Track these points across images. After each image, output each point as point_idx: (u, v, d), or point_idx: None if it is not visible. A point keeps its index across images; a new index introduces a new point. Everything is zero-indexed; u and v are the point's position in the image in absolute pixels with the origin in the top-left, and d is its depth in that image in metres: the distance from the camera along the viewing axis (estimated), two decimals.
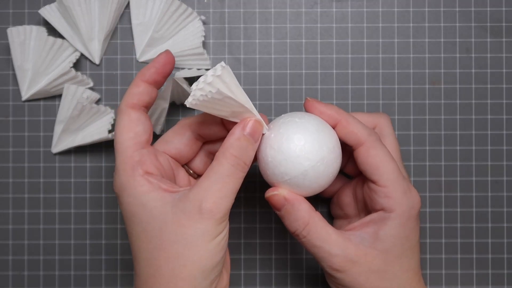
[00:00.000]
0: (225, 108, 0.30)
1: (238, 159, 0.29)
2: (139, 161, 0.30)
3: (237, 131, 0.30)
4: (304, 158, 0.30)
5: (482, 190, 0.40)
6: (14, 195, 0.40)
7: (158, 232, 0.29)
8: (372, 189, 0.32)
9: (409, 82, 0.41)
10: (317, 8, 0.41)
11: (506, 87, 0.40)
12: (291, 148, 0.30)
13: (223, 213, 0.29)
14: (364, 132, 0.32)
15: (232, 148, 0.30)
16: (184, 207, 0.29)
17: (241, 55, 0.41)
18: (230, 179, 0.29)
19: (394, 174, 0.32)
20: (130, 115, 0.31)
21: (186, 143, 0.33)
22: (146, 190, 0.30)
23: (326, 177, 0.31)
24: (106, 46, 0.40)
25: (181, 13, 0.39)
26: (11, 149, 0.40)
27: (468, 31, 0.41)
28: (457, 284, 0.40)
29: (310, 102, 0.33)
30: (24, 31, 0.39)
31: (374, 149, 0.32)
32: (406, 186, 0.32)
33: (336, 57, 0.41)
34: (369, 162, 0.32)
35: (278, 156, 0.31)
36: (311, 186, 0.31)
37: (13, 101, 0.41)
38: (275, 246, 0.40)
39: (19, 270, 0.40)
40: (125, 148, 0.31)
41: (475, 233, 0.40)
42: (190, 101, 0.29)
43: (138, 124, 0.31)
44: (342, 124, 0.32)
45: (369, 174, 0.32)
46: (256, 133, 0.30)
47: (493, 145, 0.40)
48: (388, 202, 0.31)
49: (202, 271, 0.29)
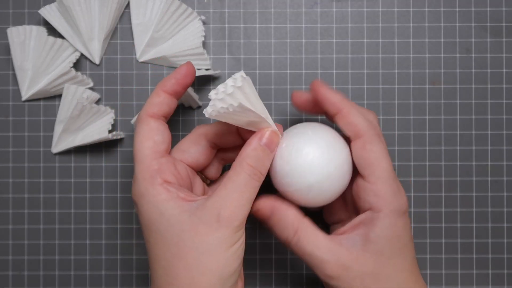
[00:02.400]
0: (243, 118, 0.30)
1: (255, 169, 0.30)
2: (158, 170, 0.31)
3: (254, 142, 0.31)
4: (310, 173, 0.31)
5: (482, 190, 0.40)
6: (14, 195, 0.40)
7: (176, 240, 0.29)
8: (361, 186, 0.32)
9: (409, 82, 0.41)
10: (317, 8, 0.41)
11: (506, 87, 0.40)
12: (299, 161, 0.31)
13: (240, 221, 0.29)
14: (364, 124, 0.32)
15: (249, 158, 0.30)
16: (202, 215, 0.29)
17: (241, 55, 0.41)
18: (246, 188, 0.30)
19: (386, 173, 0.31)
20: (149, 124, 0.32)
21: (202, 151, 0.34)
22: (165, 199, 0.30)
23: (331, 192, 0.32)
24: (106, 46, 0.40)
25: (181, 13, 0.39)
26: (11, 149, 0.40)
27: (468, 31, 0.41)
28: (457, 284, 0.40)
29: (315, 85, 0.33)
30: (24, 31, 0.39)
31: (371, 143, 0.32)
32: (396, 186, 0.32)
33: (336, 57, 0.41)
34: (364, 156, 0.32)
35: (285, 167, 0.31)
36: (315, 200, 0.32)
37: (13, 101, 0.41)
38: (275, 246, 0.40)
39: (19, 270, 0.40)
40: (144, 157, 0.31)
41: (475, 233, 0.40)
42: (210, 112, 0.29)
43: (157, 133, 0.32)
44: (342, 114, 0.32)
45: (361, 168, 0.32)
46: (272, 144, 0.31)
47: (493, 145, 0.40)
48: (376, 200, 0.31)
49: (220, 279, 0.29)
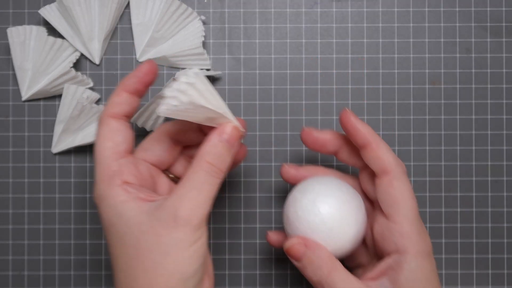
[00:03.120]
0: (200, 115, 0.29)
1: (214, 166, 0.29)
2: (117, 171, 0.30)
3: (213, 138, 0.30)
4: (321, 228, 0.31)
5: (482, 190, 0.40)
6: (14, 195, 0.40)
7: (135, 242, 0.29)
8: (385, 226, 0.31)
9: (409, 82, 0.41)
10: (317, 8, 0.41)
11: (506, 87, 0.40)
12: (310, 217, 0.31)
13: (199, 220, 0.29)
14: (392, 161, 0.31)
15: (207, 155, 0.29)
16: (160, 215, 0.28)
17: (241, 55, 0.41)
18: (205, 186, 0.29)
19: (412, 212, 0.31)
20: (109, 125, 0.31)
21: (165, 149, 0.33)
22: (123, 200, 0.29)
23: (344, 248, 0.32)
24: (106, 46, 0.40)
25: (181, 13, 0.39)
26: (11, 149, 0.40)
27: (468, 31, 0.41)
28: (457, 284, 0.40)
29: (345, 115, 0.32)
30: (24, 31, 0.39)
31: (398, 181, 0.31)
32: (421, 227, 0.31)
33: (336, 57, 0.41)
34: (390, 193, 0.31)
35: (298, 219, 0.31)
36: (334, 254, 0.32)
37: (13, 101, 0.41)
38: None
39: (19, 270, 0.40)
40: (103, 158, 0.30)
41: (475, 233, 0.40)
42: (162, 110, 0.28)
43: (118, 133, 0.31)
44: (371, 147, 0.32)
45: (386, 206, 0.31)
46: (232, 139, 0.30)
47: (493, 145, 0.40)
48: (402, 241, 0.30)
49: (179, 279, 0.28)
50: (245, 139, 0.40)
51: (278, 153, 0.40)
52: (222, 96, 0.40)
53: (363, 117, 0.40)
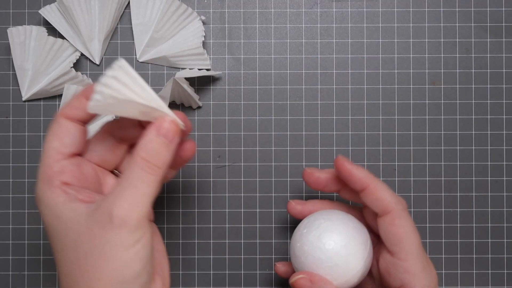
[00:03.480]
0: (131, 110, 0.28)
1: (149, 162, 0.28)
2: (57, 172, 0.29)
3: (149, 133, 0.28)
4: (327, 263, 0.31)
5: (482, 190, 0.40)
6: (14, 195, 0.40)
7: (73, 245, 0.27)
8: (391, 263, 0.31)
9: (409, 82, 0.41)
10: (317, 8, 0.41)
11: (506, 87, 0.40)
12: (316, 253, 0.31)
13: (136, 220, 0.27)
14: (392, 200, 0.32)
15: (142, 151, 0.28)
16: (96, 216, 0.27)
17: (241, 55, 0.41)
18: (141, 184, 0.27)
19: (416, 249, 0.31)
20: (61, 124, 0.30)
21: (108, 148, 0.31)
22: (62, 201, 0.28)
23: (350, 283, 0.32)
24: (106, 46, 0.40)
25: (181, 13, 0.39)
26: (11, 149, 0.40)
27: (468, 31, 0.41)
28: (457, 284, 0.40)
29: (339, 163, 0.33)
30: (24, 31, 0.39)
31: (400, 219, 0.31)
32: (426, 261, 0.31)
33: (336, 57, 0.41)
34: (393, 232, 0.31)
35: (304, 254, 0.32)
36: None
37: (13, 101, 0.41)
38: (275, 246, 0.40)
39: (19, 270, 0.40)
40: (46, 158, 0.29)
41: (475, 233, 0.40)
42: (91, 106, 0.27)
43: (67, 134, 0.29)
44: (370, 190, 0.32)
45: (390, 244, 0.31)
46: (170, 133, 0.28)
47: (493, 145, 0.40)
48: (408, 278, 0.31)
49: (120, 283, 0.27)
50: (245, 139, 0.40)
51: (278, 153, 0.40)
52: (222, 96, 0.40)
53: (363, 117, 0.40)
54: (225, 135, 0.40)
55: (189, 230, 0.40)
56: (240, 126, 0.40)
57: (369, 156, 0.40)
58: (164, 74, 0.41)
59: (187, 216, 0.40)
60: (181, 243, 0.40)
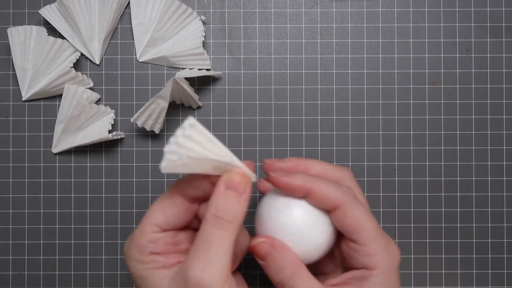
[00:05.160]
0: (205, 166, 0.28)
1: (219, 218, 0.27)
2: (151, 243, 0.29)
3: (218, 188, 0.28)
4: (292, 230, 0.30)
5: (482, 190, 0.40)
6: (14, 195, 0.40)
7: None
8: (352, 248, 0.31)
9: (409, 82, 0.41)
10: (317, 8, 0.41)
11: (506, 87, 0.41)
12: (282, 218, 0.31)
13: (212, 280, 0.26)
14: (337, 194, 0.31)
15: (212, 207, 0.28)
16: (177, 279, 0.27)
17: (241, 55, 0.41)
18: (215, 242, 0.27)
19: (374, 232, 0.30)
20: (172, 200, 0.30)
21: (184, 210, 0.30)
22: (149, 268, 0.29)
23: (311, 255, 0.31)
24: (106, 46, 0.40)
25: (181, 13, 0.39)
26: (11, 149, 0.40)
27: (468, 31, 0.41)
28: (457, 284, 0.40)
29: (273, 178, 0.31)
30: (24, 31, 0.39)
31: (350, 210, 0.30)
32: (386, 240, 0.31)
33: (336, 57, 0.41)
34: (347, 223, 0.30)
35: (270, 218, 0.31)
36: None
37: (13, 101, 0.41)
38: None
39: (19, 270, 0.40)
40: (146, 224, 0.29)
41: (475, 233, 0.40)
42: (163, 166, 0.27)
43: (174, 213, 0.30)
44: (313, 192, 0.30)
45: (349, 234, 0.31)
46: (240, 186, 0.28)
47: (493, 145, 0.40)
48: (370, 260, 0.30)
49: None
50: (245, 139, 0.40)
51: (278, 153, 0.40)
52: (222, 96, 0.40)
53: (363, 117, 0.40)
54: (225, 135, 0.40)
55: None
56: (240, 126, 0.40)
57: (369, 156, 0.40)
58: (164, 74, 0.41)
59: None
60: None
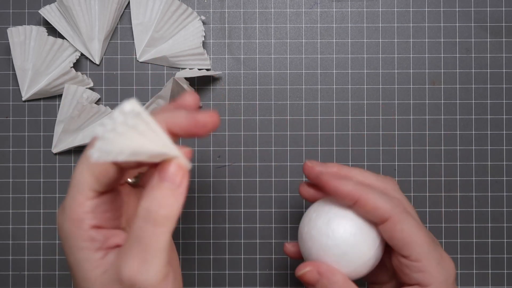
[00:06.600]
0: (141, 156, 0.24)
1: (153, 213, 0.24)
2: (88, 213, 0.26)
3: (151, 180, 0.25)
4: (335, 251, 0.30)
5: (482, 190, 0.40)
6: (14, 195, 0.40)
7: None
8: (403, 263, 0.30)
9: (409, 82, 0.41)
10: (317, 8, 0.41)
11: (506, 87, 0.41)
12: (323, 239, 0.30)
13: (152, 281, 0.24)
14: (387, 206, 0.30)
15: (145, 201, 0.24)
16: (111, 275, 0.25)
17: (241, 55, 0.41)
18: (149, 240, 0.24)
19: (425, 247, 0.29)
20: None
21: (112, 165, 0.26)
22: (85, 247, 0.25)
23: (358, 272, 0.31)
24: (106, 46, 0.40)
25: (181, 13, 0.39)
26: (11, 149, 0.40)
27: (468, 31, 0.41)
28: (457, 284, 0.40)
29: (324, 179, 0.30)
30: (24, 31, 0.39)
31: (400, 223, 0.29)
32: (439, 255, 0.30)
33: (336, 57, 0.41)
34: (397, 237, 0.30)
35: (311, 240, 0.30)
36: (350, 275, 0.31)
37: (13, 101, 0.41)
38: (275, 246, 0.40)
39: (19, 270, 0.40)
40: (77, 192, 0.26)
41: (475, 233, 0.40)
42: (95, 157, 0.22)
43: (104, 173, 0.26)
44: (361, 202, 0.30)
45: (399, 249, 0.30)
46: (176, 178, 0.24)
47: (493, 145, 0.40)
48: (423, 276, 0.29)
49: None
50: (245, 139, 0.40)
51: (278, 153, 0.40)
52: (222, 96, 0.40)
53: (363, 117, 0.40)
54: (225, 135, 0.40)
55: (189, 230, 0.40)
56: (240, 126, 0.40)
57: (369, 156, 0.40)
58: (164, 74, 0.41)
59: (187, 216, 0.40)
60: (181, 243, 0.40)
